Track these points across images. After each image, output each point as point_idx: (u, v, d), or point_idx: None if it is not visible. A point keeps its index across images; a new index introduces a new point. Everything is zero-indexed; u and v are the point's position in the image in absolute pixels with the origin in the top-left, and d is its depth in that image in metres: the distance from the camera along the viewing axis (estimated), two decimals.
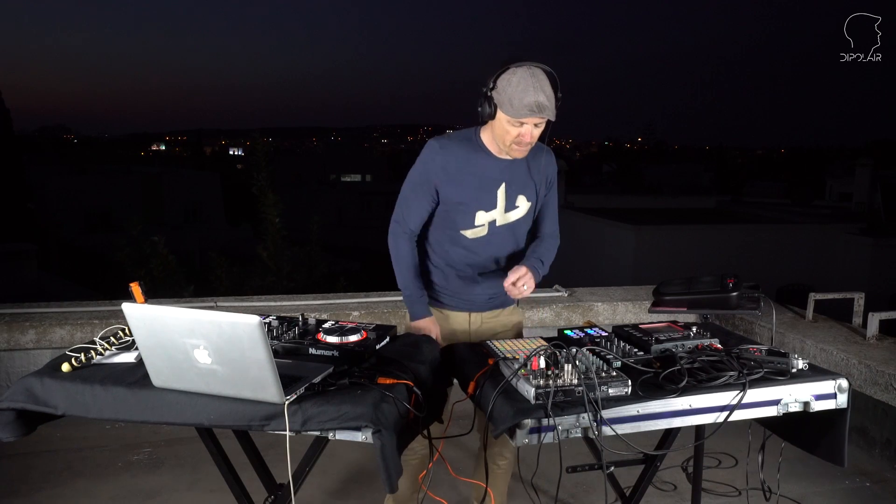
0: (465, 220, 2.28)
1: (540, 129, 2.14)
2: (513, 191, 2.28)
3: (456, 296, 2.38)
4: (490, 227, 2.30)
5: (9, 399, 1.77)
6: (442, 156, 2.23)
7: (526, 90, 2.04)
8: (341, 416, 1.60)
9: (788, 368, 1.84)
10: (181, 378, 1.66)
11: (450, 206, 2.27)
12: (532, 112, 2.05)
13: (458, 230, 2.30)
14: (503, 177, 2.26)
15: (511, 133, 2.12)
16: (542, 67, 2.09)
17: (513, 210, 2.30)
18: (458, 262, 2.34)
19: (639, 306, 4.28)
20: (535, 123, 2.10)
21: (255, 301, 4.23)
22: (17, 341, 3.62)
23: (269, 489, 2.15)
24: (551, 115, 2.10)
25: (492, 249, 2.33)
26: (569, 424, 1.64)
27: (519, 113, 2.06)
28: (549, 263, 2.38)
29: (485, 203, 2.26)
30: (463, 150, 2.25)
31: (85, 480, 3.09)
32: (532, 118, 2.07)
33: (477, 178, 2.24)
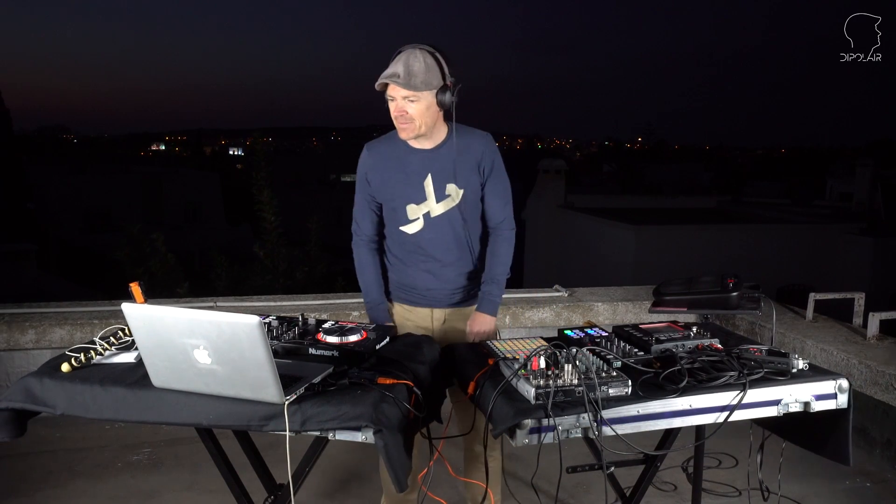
0: (399, 216, 2.33)
1: (417, 106, 2.15)
2: (439, 180, 2.29)
3: (415, 292, 2.41)
4: (426, 220, 2.32)
5: (8, 399, 1.77)
6: (370, 158, 2.32)
7: (391, 64, 2.13)
8: (341, 416, 1.60)
9: (789, 368, 1.84)
10: (181, 378, 1.65)
11: (384, 204, 2.34)
12: (383, 78, 2.12)
13: (397, 227, 2.35)
14: (427, 168, 2.29)
15: (391, 111, 2.19)
16: (425, 47, 2.14)
17: (445, 199, 2.31)
18: (408, 258, 2.38)
19: (639, 306, 4.28)
20: (403, 96, 2.14)
21: (255, 301, 4.22)
22: (17, 341, 3.61)
23: (268, 489, 2.15)
24: (408, 86, 2.11)
25: (436, 242, 2.34)
26: (569, 424, 1.64)
27: (378, 82, 2.14)
28: (506, 269, 2.41)
29: (413, 196, 2.30)
30: (387, 148, 2.32)
31: (85, 480, 3.08)
32: (393, 88, 2.13)
33: (402, 172, 2.29)
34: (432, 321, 2.44)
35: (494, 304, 2.38)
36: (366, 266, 2.40)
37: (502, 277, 2.40)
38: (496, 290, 2.38)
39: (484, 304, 2.38)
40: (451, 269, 2.38)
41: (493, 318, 2.38)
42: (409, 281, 2.40)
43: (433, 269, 2.37)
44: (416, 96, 2.14)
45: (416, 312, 2.44)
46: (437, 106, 2.18)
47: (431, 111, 2.18)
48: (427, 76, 2.12)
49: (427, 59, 2.12)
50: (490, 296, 2.37)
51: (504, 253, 2.40)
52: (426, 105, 2.16)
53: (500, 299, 2.40)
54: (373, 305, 2.40)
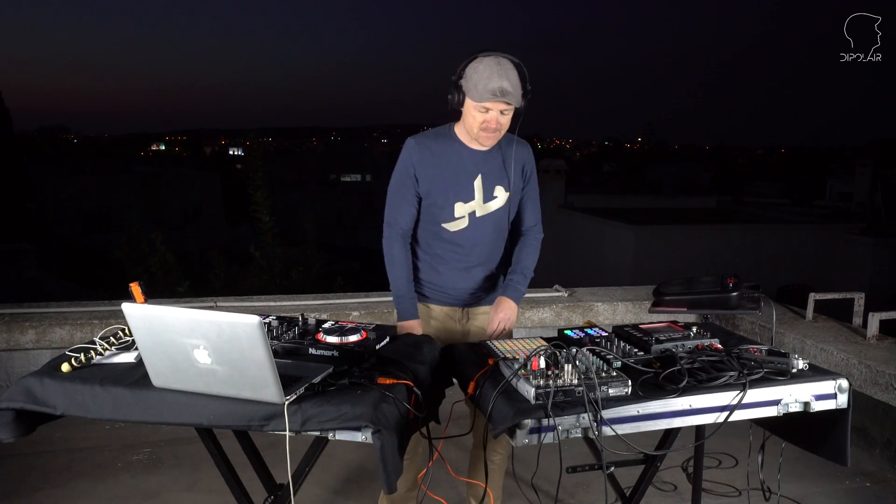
0: (444, 213, 2.33)
1: (507, 117, 2.21)
2: (489, 181, 2.33)
3: (442, 290, 2.42)
4: (470, 219, 2.34)
5: (8, 399, 1.77)
6: (418, 151, 2.30)
7: (490, 76, 2.11)
8: (341, 416, 1.60)
9: (788, 368, 1.84)
10: (181, 378, 1.65)
11: (429, 199, 2.33)
12: (495, 96, 2.11)
13: (439, 224, 2.35)
14: (479, 168, 2.31)
15: (478, 119, 2.19)
16: (509, 58, 2.16)
17: (492, 200, 2.34)
18: (444, 255, 2.38)
19: (639, 306, 4.28)
20: (500, 110, 2.17)
21: (255, 301, 4.23)
22: (17, 341, 3.62)
23: (268, 489, 2.15)
24: (515, 102, 2.16)
25: (475, 241, 2.37)
26: (569, 424, 1.64)
27: (483, 97, 2.13)
28: (533, 267, 2.45)
29: (462, 194, 2.31)
30: (438, 144, 2.31)
31: (85, 480, 3.08)
32: (495, 103, 2.14)
33: (452, 170, 2.30)
34: (459, 321, 2.46)
35: (519, 293, 2.39)
36: (399, 260, 2.36)
37: (529, 272, 2.43)
38: (522, 281, 2.41)
39: (510, 290, 2.38)
40: (481, 269, 2.42)
41: (516, 306, 2.39)
42: (438, 279, 2.41)
43: (465, 268, 2.39)
44: (510, 109, 2.19)
45: (442, 311, 2.44)
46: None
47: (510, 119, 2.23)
48: (519, 89, 2.17)
49: (516, 70, 2.16)
50: (516, 283, 2.39)
51: (533, 252, 2.45)
52: (512, 115, 2.22)
53: (524, 290, 2.42)
54: (402, 300, 2.35)
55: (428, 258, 2.41)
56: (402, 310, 2.35)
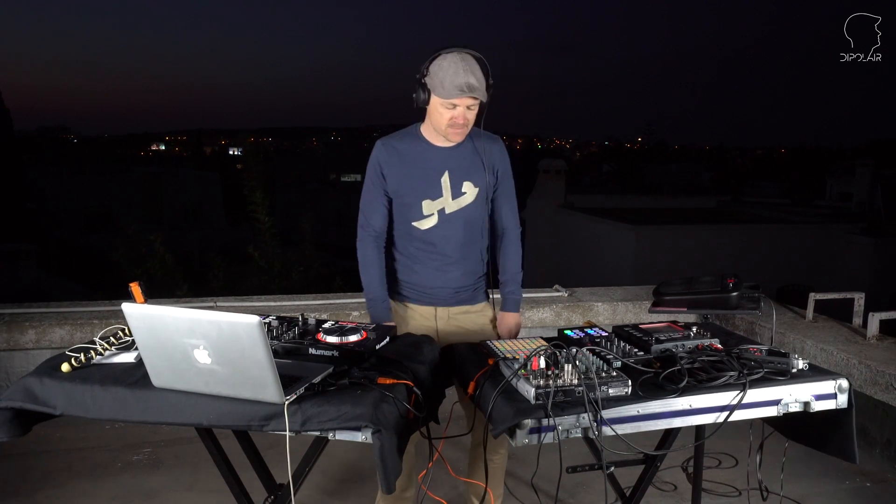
0: (413, 211, 2.34)
1: (473, 112, 2.23)
2: (457, 177, 2.34)
3: (419, 289, 2.42)
4: (440, 216, 2.34)
5: (8, 398, 1.77)
6: (385, 151, 2.33)
7: (456, 72, 2.14)
8: (341, 416, 1.60)
9: (789, 368, 1.84)
10: (181, 378, 1.65)
11: (398, 199, 2.35)
12: (462, 92, 2.14)
13: (409, 223, 2.36)
14: (445, 164, 2.33)
15: (445, 116, 2.21)
16: (471, 53, 2.19)
17: (461, 196, 2.35)
18: (418, 255, 2.39)
19: (639, 306, 4.28)
20: (467, 105, 2.19)
21: (255, 301, 4.23)
22: (17, 341, 3.61)
23: (268, 489, 2.15)
24: (482, 96, 2.18)
25: (448, 238, 2.37)
26: (569, 424, 1.64)
27: (449, 94, 2.15)
28: (520, 267, 2.51)
29: (429, 192, 2.32)
30: (404, 143, 2.34)
31: (85, 480, 3.08)
32: (462, 98, 2.16)
33: (419, 168, 2.32)
34: (436, 320, 2.45)
35: (517, 302, 2.50)
36: (371, 262, 2.39)
37: (518, 276, 2.50)
38: (516, 289, 2.50)
39: (508, 303, 2.50)
40: (457, 266, 2.41)
41: (519, 314, 2.50)
42: (415, 279, 2.42)
43: (441, 266, 2.39)
44: (476, 104, 2.21)
45: (420, 311, 2.44)
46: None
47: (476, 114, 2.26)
48: (484, 84, 2.20)
49: (480, 65, 2.19)
50: (512, 295, 2.49)
51: (515, 253, 2.50)
52: (478, 110, 2.24)
53: (521, 296, 2.50)
54: (375, 302, 2.39)
55: (403, 258, 2.42)
56: (376, 313, 2.38)
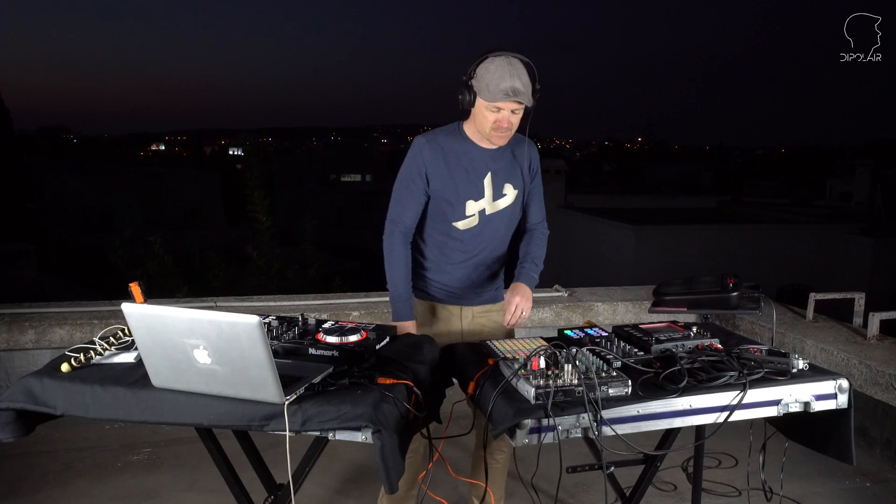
0: (455, 211, 2.33)
1: (518, 116, 2.22)
2: (499, 179, 2.34)
3: (448, 289, 2.42)
4: (481, 217, 2.34)
5: (8, 399, 1.77)
6: (429, 150, 2.30)
7: (502, 76, 2.12)
8: (341, 416, 1.60)
9: (789, 368, 1.84)
10: (181, 378, 1.65)
11: (440, 198, 2.33)
12: (507, 96, 2.13)
13: (449, 222, 2.35)
14: (489, 166, 2.32)
15: (489, 119, 2.20)
16: (519, 57, 2.18)
17: (501, 198, 2.35)
18: (452, 255, 2.38)
19: (639, 306, 4.28)
20: (512, 109, 2.18)
21: (255, 301, 4.23)
22: (17, 341, 3.61)
23: (268, 489, 2.15)
24: (527, 101, 2.17)
25: (485, 239, 2.38)
26: (569, 424, 1.64)
27: (495, 97, 2.14)
28: (542, 259, 2.44)
29: (473, 193, 2.32)
30: (448, 142, 2.32)
31: (85, 480, 3.08)
32: (508, 102, 2.15)
33: (463, 168, 2.30)
34: (461, 319, 2.45)
35: (533, 280, 2.37)
36: (399, 257, 2.34)
37: (539, 262, 2.42)
38: (534, 269, 2.39)
39: (523, 277, 2.36)
40: (487, 268, 2.42)
41: (531, 292, 2.34)
42: (446, 279, 2.41)
43: (473, 266, 2.39)
44: (521, 108, 2.20)
45: (449, 310, 2.44)
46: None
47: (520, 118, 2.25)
48: (530, 88, 2.18)
49: (526, 70, 2.18)
50: (529, 271, 2.37)
51: (541, 245, 2.45)
52: (523, 114, 2.23)
53: (537, 278, 2.39)
54: (399, 300, 2.34)
55: (435, 257, 2.40)
56: (399, 310, 2.34)
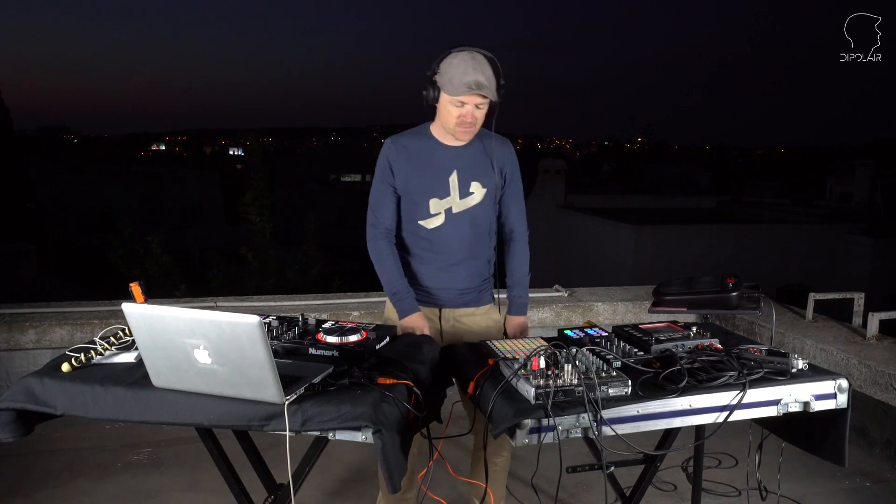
0: (420, 209, 2.33)
1: (482, 111, 2.22)
2: (465, 177, 2.33)
3: (424, 290, 2.41)
4: (447, 215, 2.34)
5: (9, 399, 1.77)
6: (394, 149, 2.32)
7: (465, 70, 2.13)
8: (341, 416, 1.60)
9: (788, 368, 1.84)
10: (181, 378, 1.66)
11: (406, 196, 2.34)
12: (470, 89, 2.13)
13: (416, 222, 2.35)
14: (454, 164, 2.32)
15: (453, 114, 2.20)
16: (483, 52, 2.19)
17: (468, 196, 2.34)
18: (423, 255, 2.38)
19: (639, 306, 4.28)
20: (476, 104, 2.18)
21: (255, 301, 4.23)
22: (17, 341, 3.61)
23: (269, 489, 2.15)
24: (490, 95, 2.17)
25: (454, 238, 2.36)
26: (569, 424, 1.64)
27: (458, 91, 2.14)
28: (527, 272, 2.49)
29: (437, 191, 2.32)
30: (413, 142, 2.34)
31: (85, 480, 3.09)
32: (471, 96, 2.15)
33: (428, 166, 2.31)
34: (440, 321, 2.44)
35: (524, 305, 2.48)
36: (387, 258, 2.34)
37: (525, 280, 2.48)
38: (523, 293, 2.48)
39: (515, 307, 2.47)
40: (462, 267, 2.40)
41: (526, 317, 2.48)
42: (420, 279, 2.40)
43: (446, 267, 2.38)
44: (486, 103, 2.20)
45: (425, 312, 2.41)
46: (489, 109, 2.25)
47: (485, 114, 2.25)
48: (493, 83, 2.19)
49: (490, 64, 2.18)
50: (519, 299, 2.47)
51: (523, 256, 2.48)
52: (487, 109, 2.23)
53: (527, 299, 2.48)
54: (400, 296, 2.32)
55: (408, 258, 2.41)
56: (403, 307, 2.32)
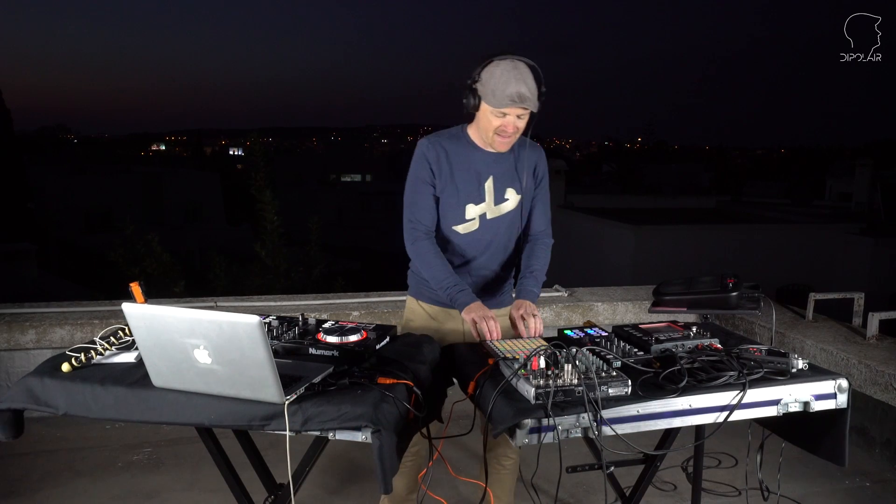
0: (455, 214, 2.31)
1: (523, 121, 2.19)
2: (501, 184, 2.32)
3: None
4: (481, 221, 2.32)
5: (9, 399, 1.77)
6: (433, 151, 2.28)
7: (508, 81, 2.09)
8: (341, 416, 1.60)
9: (788, 368, 1.84)
10: (181, 378, 1.66)
11: (441, 200, 2.31)
12: (513, 102, 2.09)
13: (449, 226, 2.33)
14: (490, 170, 2.30)
15: (494, 124, 2.17)
16: (524, 61, 2.14)
17: (503, 203, 2.33)
18: (452, 258, 2.36)
19: (639, 306, 4.28)
20: (517, 115, 2.15)
21: (255, 301, 4.23)
22: (17, 341, 3.62)
23: (269, 489, 2.15)
24: (533, 107, 2.14)
25: (485, 244, 2.35)
26: (569, 424, 1.64)
27: (501, 103, 2.11)
28: (544, 272, 2.40)
29: (473, 196, 2.30)
30: (451, 145, 2.30)
31: (85, 480, 3.09)
32: (514, 108, 2.12)
33: (465, 171, 2.28)
34: (464, 323, 2.39)
35: (534, 295, 2.32)
36: (434, 256, 2.28)
37: (540, 275, 2.37)
38: (534, 284, 2.34)
39: (523, 293, 2.32)
40: (489, 272, 2.39)
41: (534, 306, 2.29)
42: None
43: (475, 271, 2.37)
44: (527, 114, 2.17)
45: (447, 313, 2.40)
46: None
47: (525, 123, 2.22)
48: (535, 93, 2.14)
49: (532, 74, 2.14)
50: (529, 286, 2.33)
51: (543, 257, 2.40)
52: (529, 119, 2.20)
53: (538, 292, 2.35)
54: (457, 288, 2.23)
55: None
56: (463, 297, 2.22)
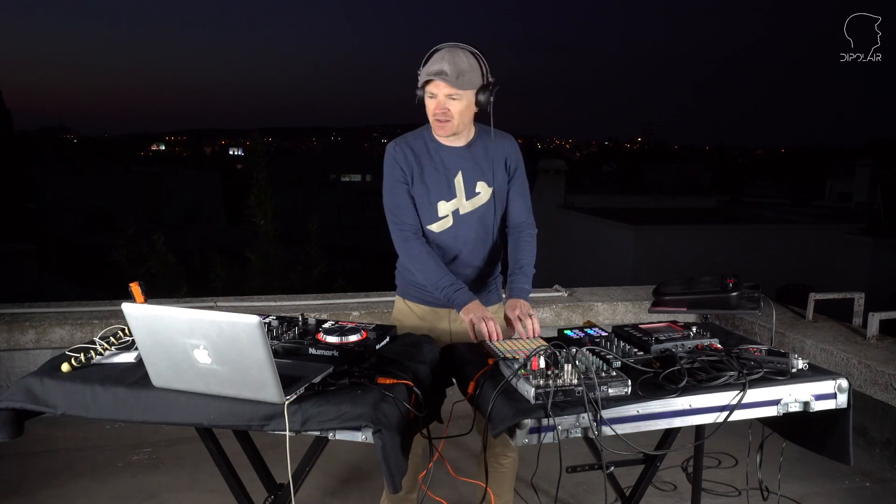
0: (428, 213, 2.31)
1: (457, 103, 2.18)
2: (470, 178, 2.31)
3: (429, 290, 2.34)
4: (455, 217, 2.32)
5: (8, 399, 1.77)
6: (400, 152, 2.29)
7: (434, 61, 2.14)
8: (341, 416, 1.60)
9: (788, 368, 1.84)
10: (181, 378, 1.66)
11: (415, 200, 2.31)
12: (429, 75, 2.13)
13: (424, 225, 2.33)
14: (459, 165, 2.30)
15: (430, 108, 2.20)
16: (465, 47, 2.18)
17: (474, 196, 2.32)
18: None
19: (639, 306, 4.28)
20: (446, 94, 2.16)
21: (255, 301, 4.23)
22: (17, 341, 3.62)
23: (269, 489, 2.15)
24: (451, 82, 2.13)
25: (462, 239, 2.34)
26: (569, 424, 1.64)
27: (422, 80, 2.16)
28: (532, 264, 2.38)
29: (444, 193, 2.30)
30: (416, 144, 2.31)
31: (85, 480, 3.09)
32: (435, 84, 2.14)
33: (433, 169, 2.29)
34: (450, 322, 2.41)
35: (525, 292, 2.30)
36: (425, 256, 2.26)
37: (529, 269, 2.35)
38: (525, 280, 2.32)
39: (515, 292, 2.29)
40: (471, 268, 2.38)
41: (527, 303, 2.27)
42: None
43: (455, 268, 2.35)
44: (459, 94, 2.16)
45: (435, 313, 2.40)
46: (474, 105, 2.21)
47: (469, 110, 2.21)
48: (471, 75, 2.16)
49: (469, 58, 2.16)
50: (520, 283, 2.30)
51: (529, 249, 2.37)
52: (466, 104, 2.19)
53: (530, 287, 2.32)
54: (453, 287, 2.21)
55: None
56: (460, 297, 2.21)
